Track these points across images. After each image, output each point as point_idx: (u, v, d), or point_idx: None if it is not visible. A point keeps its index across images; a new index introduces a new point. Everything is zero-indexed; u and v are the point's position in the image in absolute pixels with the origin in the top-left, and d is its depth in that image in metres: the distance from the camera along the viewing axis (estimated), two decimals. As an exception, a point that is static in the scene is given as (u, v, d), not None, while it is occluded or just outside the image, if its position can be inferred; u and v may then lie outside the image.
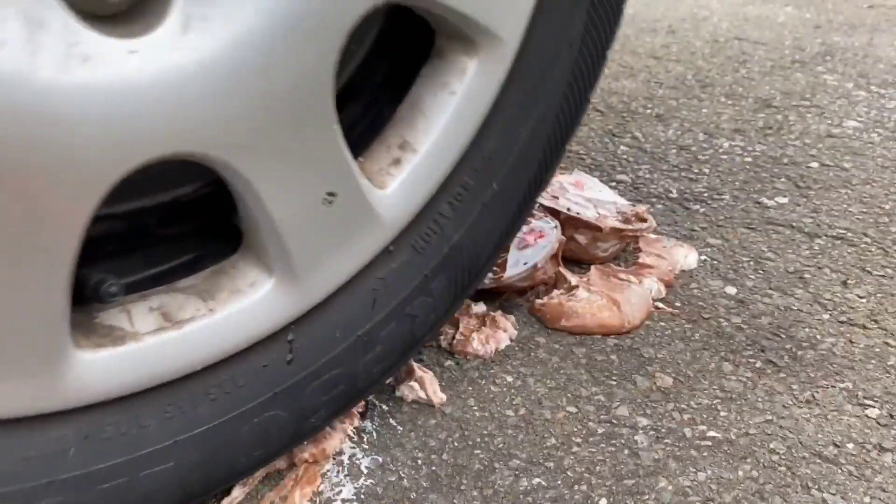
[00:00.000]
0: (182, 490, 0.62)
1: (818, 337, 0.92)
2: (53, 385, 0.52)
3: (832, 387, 0.84)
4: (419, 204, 0.67)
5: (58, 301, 0.50)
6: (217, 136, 0.52)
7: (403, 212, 0.66)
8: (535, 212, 1.00)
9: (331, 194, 0.60)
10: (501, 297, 0.98)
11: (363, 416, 0.80)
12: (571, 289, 0.95)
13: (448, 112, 0.65)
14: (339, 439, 0.76)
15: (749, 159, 1.37)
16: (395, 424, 0.80)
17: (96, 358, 0.54)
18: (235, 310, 0.60)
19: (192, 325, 0.58)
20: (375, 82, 0.70)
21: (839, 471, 0.74)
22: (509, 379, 0.86)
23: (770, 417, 0.80)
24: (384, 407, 0.82)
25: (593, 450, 0.77)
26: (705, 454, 0.76)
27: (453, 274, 0.72)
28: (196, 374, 0.60)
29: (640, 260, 1.04)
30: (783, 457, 0.76)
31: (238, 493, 0.71)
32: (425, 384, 0.82)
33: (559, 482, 0.73)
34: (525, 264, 0.96)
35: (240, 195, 0.57)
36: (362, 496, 0.71)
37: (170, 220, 0.65)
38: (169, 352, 0.57)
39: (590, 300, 0.93)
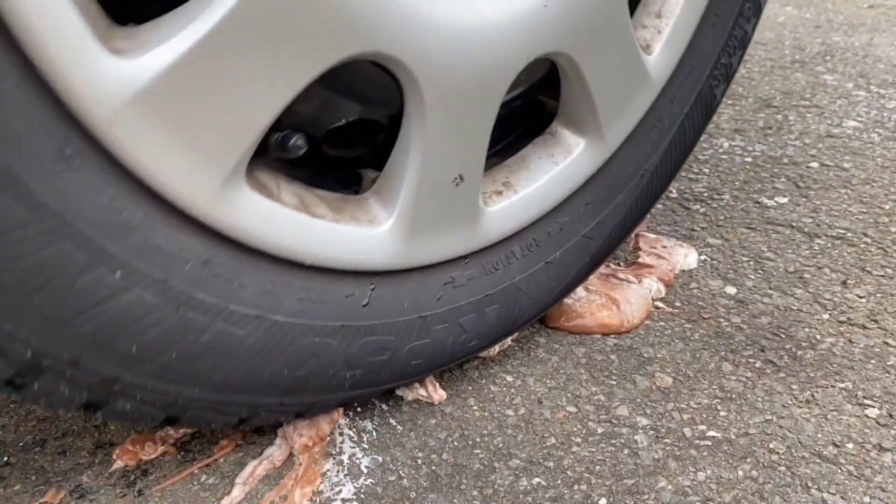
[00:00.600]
0: (228, 366, 0.64)
1: (818, 337, 0.92)
2: (217, 195, 0.58)
3: (832, 387, 0.84)
4: (501, 235, 0.78)
5: (252, 138, 0.58)
6: (446, 72, 0.64)
7: (488, 234, 0.77)
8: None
9: (461, 178, 0.70)
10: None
11: (362, 415, 0.81)
12: (571, 288, 0.96)
13: (547, 176, 0.80)
14: (327, 423, 0.77)
15: (749, 159, 1.37)
16: (394, 424, 0.80)
17: (250, 198, 0.60)
18: (351, 231, 0.67)
19: (320, 222, 0.65)
20: (500, 131, 0.80)
21: (839, 470, 0.74)
22: (509, 378, 0.86)
23: (770, 417, 0.80)
24: (384, 406, 0.82)
25: (593, 449, 0.77)
26: (705, 454, 0.76)
27: (505, 309, 0.81)
28: (301, 268, 0.66)
29: (640, 260, 1.04)
30: (783, 456, 0.76)
31: (238, 492, 0.71)
32: (425, 382, 0.82)
33: (559, 482, 0.73)
34: None
35: (408, 137, 0.66)
36: (362, 496, 0.71)
37: (343, 132, 0.73)
38: (296, 229, 0.63)
39: (589, 299, 0.94)
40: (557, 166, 0.81)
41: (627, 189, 0.88)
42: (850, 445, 0.77)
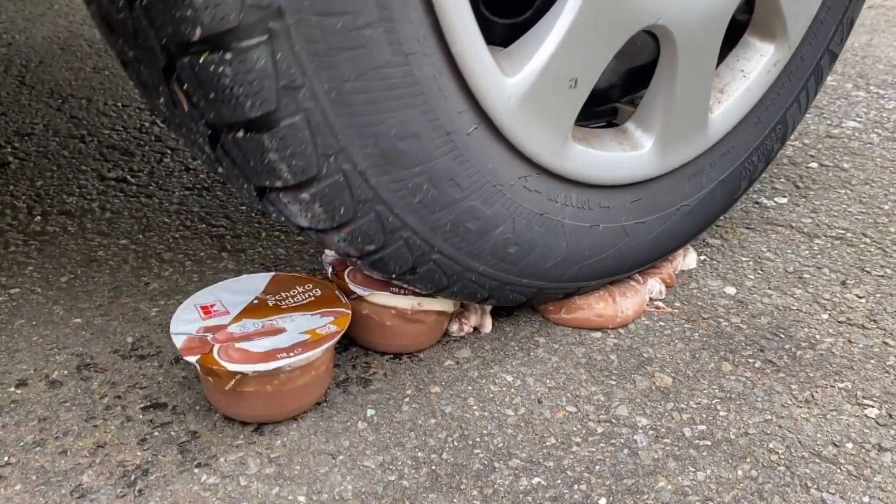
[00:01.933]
0: (360, 75, 0.66)
1: (817, 337, 0.92)
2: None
3: (831, 386, 0.85)
4: (570, 171, 0.83)
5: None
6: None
7: (564, 162, 0.82)
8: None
9: (575, 83, 0.77)
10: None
11: (363, 417, 0.81)
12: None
13: (613, 153, 0.87)
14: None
15: (748, 159, 1.37)
16: (395, 424, 0.80)
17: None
18: (485, 61, 0.71)
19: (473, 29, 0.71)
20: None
21: (838, 470, 0.74)
22: (509, 378, 0.86)
23: (769, 417, 0.81)
24: (384, 406, 0.82)
25: (593, 449, 0.77)
26: (704, 454, 0.76)
27: (546, 241, 0.84)
28: (447, 52, 0.69)
29: (640, 260, 1.04)
30: (782, 456, 0.76)
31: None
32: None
33: (559, 481, 0.73)
34: None
35: (555, 18, 0.73)
36: (362, 496, 0.72)
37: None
38: (460, 13, 0.68)
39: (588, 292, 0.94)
40: (624, 153, 0.88)
41: (664, 214, 0.94)
42: (850, 445, 0.77)
